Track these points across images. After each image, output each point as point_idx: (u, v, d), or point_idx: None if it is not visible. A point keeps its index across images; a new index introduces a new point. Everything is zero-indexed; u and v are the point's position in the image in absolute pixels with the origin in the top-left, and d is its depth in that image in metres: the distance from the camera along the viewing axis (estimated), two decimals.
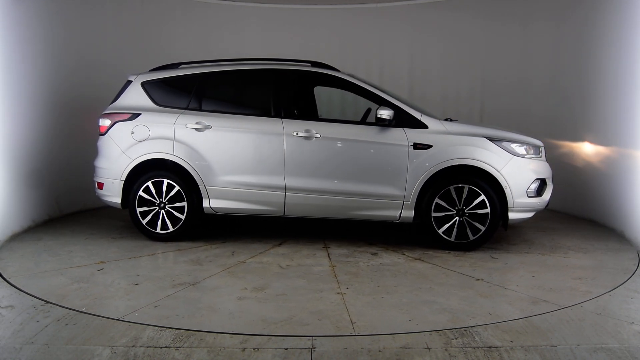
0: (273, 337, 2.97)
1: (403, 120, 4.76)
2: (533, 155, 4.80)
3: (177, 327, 3.09)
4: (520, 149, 4.74)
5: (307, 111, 5.57)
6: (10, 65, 5.25)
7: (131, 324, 3.13)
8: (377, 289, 3.80)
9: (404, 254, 4.72)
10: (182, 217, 5.01)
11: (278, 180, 4.83)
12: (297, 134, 4.80)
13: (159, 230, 5.06)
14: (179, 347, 2.85)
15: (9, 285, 3.83)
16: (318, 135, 4.78)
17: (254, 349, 2.83)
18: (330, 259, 4.59)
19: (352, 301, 3.55)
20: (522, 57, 7.14)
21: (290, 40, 7.92)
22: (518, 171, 4.66)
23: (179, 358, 2.73)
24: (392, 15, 7.87)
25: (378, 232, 5.55)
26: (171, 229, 5.04)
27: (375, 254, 4.74)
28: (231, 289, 3.80)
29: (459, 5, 7.57)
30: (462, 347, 2.86)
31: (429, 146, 4.68)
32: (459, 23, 7.61)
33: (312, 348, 2.84)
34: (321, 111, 6.19)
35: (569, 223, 6.11)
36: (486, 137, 4.70)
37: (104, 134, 5.17)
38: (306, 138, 4.79)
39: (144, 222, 5.06)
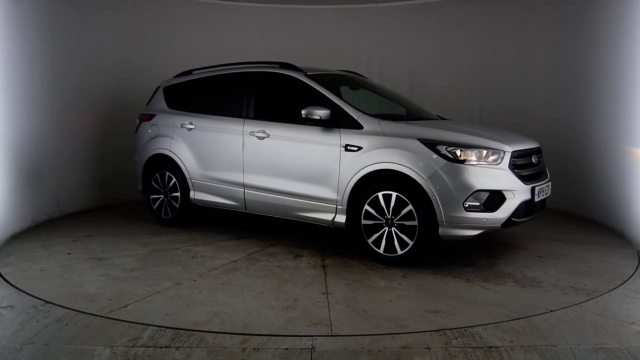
0: (273, 337, 2.98)
1: (341, 120, 4.51)
2: (485, 162, 4.05)
3: (174, 326, 3.10)
4: (464, 154, 4.03)
5: (271, 111, 5.27)
6: (10, 66, 5.25)
7: (131, 323, 3.13)
8: (218, 285, 3.83)
9: (323, 260, 4.49)
10: (177, 205, 5.61)
11: (239, 177, 5.08)
12: (252, 133, 4.97)
13: (162, 215, 5.76)
14: (179, 347, 2.85)
15: (9, 285, 3.83)
16: (269, 135, 4.88)
17: (254, 349, 2.83)
18: (248, 255, 4.63)
19: (171, 292, 3.68)
20: (522, 55, 7.12)
21: (290, 40, 7.92)
22: (452, 179, 3.97)
23: (179, 358, 2.74)
24: (392, 15, 7.87)
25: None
26: (170, 215, 5.70)
27: (300, 256, 4.61)
28: (113, 267, 4.24)
29: (459, 5, 7.57)
30: (462, 347, 2.86)
31: (359, 148, 4.37)
32: (459, 23, 7.61)
33: (312, 348, 2.84)
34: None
35: (597, 251, 4.77)
36: (419, 139, 4.16)
37: (136, 132, 6.04)
38: (260, 138, 4.93)
39: (154, 207, 5.81)
